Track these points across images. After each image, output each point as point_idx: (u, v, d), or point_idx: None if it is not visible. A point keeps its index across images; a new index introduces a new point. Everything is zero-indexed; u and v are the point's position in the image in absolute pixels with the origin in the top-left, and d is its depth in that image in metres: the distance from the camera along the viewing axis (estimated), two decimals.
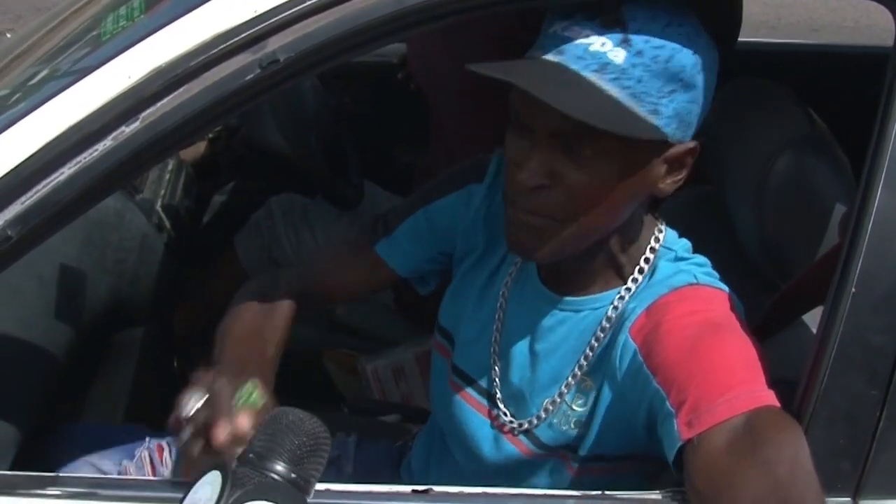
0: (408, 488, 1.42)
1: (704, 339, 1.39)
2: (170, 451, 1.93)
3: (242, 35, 1.35)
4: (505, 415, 1.63)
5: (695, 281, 1.48)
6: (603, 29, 1.35)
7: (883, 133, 1.33)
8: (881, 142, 1.33)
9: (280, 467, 1.15)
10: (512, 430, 1.62)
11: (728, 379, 1.33)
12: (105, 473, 1.86)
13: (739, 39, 2.34)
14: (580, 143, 1.36)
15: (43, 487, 1.40)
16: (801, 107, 1.72)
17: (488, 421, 1.66)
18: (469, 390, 1.69)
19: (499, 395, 1.64)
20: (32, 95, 1.50)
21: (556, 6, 1.40)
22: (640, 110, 1.36)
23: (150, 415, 2.34)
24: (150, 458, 1.91)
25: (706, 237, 1.89)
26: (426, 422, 1.95)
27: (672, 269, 1.51)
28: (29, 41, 1.98)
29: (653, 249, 1.54)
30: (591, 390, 1.53)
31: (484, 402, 1.67)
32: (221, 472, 1.11)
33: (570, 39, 1.36)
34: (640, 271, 1.53)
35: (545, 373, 1.59)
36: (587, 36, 1.35)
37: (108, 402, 2.29)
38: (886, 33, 1.44)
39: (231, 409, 1.37)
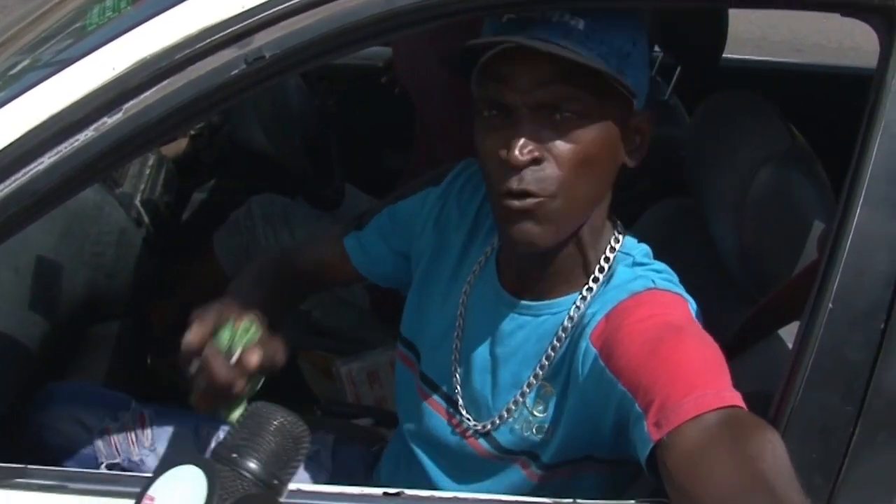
0: (379, 491, 1.41)
1: (666, 341, 1.39)
2: (151, 422, 1.93)
3: (229, 30, 1.34)
4: (467, 419, 1.63)
5: (653, 286, 1.49)
6: (555, 8, 1.40)
7: (864, 151, 1.33)
8: (862, 159, 1.33)
9: (259, 470, 1.13)
10: (473, 434, 1.62)
11: (693, 378, 1.33)
12: (87, 428, 1.88)
13: (725, 55, 2.36)
14: (560, 110, 1.40)
15: (11, 479, 1.39)
16: (783, 121, 1.73)
17: (450, 425, 1.66)
18: (434, 396, 1.69)
19: (460, 400, 1.65)
20: (13, 84, 1.49)
21: (538, 10, 1.41)
22: (608, 67, 1.39)
23: None
24: (132, 424, 1.91)
25: (686, 249, 1.90)
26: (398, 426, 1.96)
27: (630, 275, 1.51)
28: (12, 30, 1.97)
29: (612, 251, 1.54)
30: (552, 396, 1.54)
31: (446, 406, 1.67)
32: (204, 471, 1.07)
33: (530, 19, 1.41)
34: (598, 275, 1.53)
35: (505, 377, 1.59)
36: (544, 13, 1.40)
37: None
38: (870, 56, 1.45)
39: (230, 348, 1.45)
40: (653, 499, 1.39)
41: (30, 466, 1.42)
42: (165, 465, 1.09)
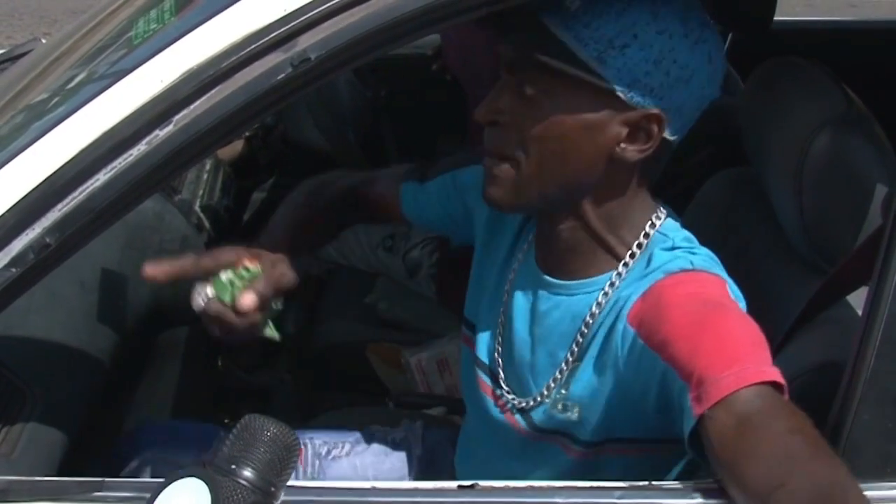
0: (454, 484, 1.41)
1: (707, 315, 1.39)
2: None
3: (273, 34, 1.34)
4: (508, 394, 1.66)
5: (690, 267, 1.48)
6: None
7: None
8: None
9: (256, 478, 1.19)
10: (512, 409, 1.65)
11: (734, 352, 1.33)
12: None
13: (776, 18, 2.32)
14: (526, 81, 1.44)
15: (90, 492, 1.41)
16: (838, 85, 1.70)
17: (494, 402, 1.69)
18: (482, 374, 1.72)
19: (502, 375, 1.67)
20: (66, 101, 1.50)
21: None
22: (583, 54, 1.41)
23: (197, 414, 2.36)
24: None
25: (748, 218, 1.88)
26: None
27: (667, 257, 1.51)
28: (64, 45, 1.99)
29: (647, 235, 1.54)
30: (590, 377, 1.54)
31: (491, 384, 1.69)
32: (206, 482, 1.15)
33: None
34: (633, 256, 1.53)
35: (543, 357, 1.60)
36: None
37: (154, 403, 2.31)
38: None
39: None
40: (697, 480, 1.38)
41: (108, 479, 1.43)
42: (168, 477, 1.17)
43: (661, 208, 1.58)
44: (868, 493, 1.18)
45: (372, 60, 1.43)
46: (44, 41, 2.66)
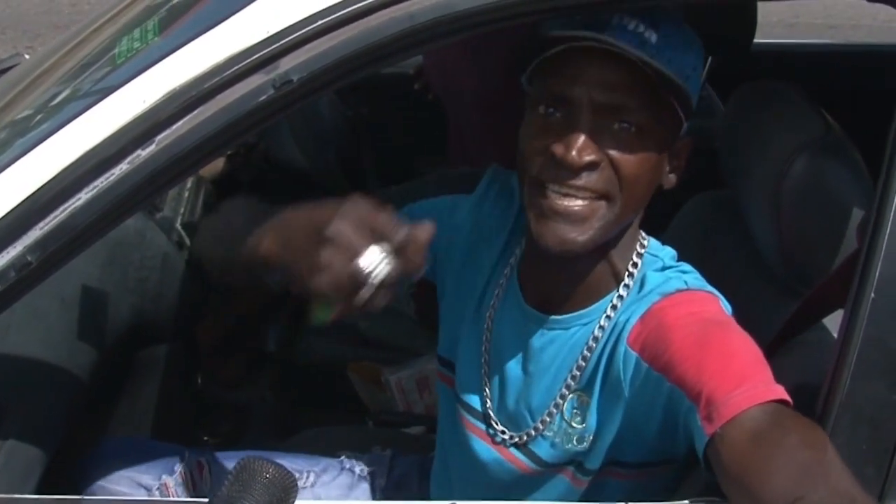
0: None
1: (711, 335, 1.40)
2: (209, 469, 1.94)
3: (255, 56, 1.35)
4: (502, 434, 1.63)
5: (685, 287, 1.49)
6: (632, 15, 1.40)
7: None
8: None
9: None
10: (511, 447, 1.62)
11: (742, 370, 1.34)
12: (145, 488, 1.87)
13: (756, 40, 2.34)
14: (620, 118, 1.40)
15: None
16: (816, 109, 1.71)
17: (487, 443, 1.66)
18: (467, 415, 1.69)
19: (492, 415, 1.64)
20: (48, 119, 1.51)
21: (555, 17, 1.43)
22: (678, 83, 1.41)
23: (177, 431, 2.35)
24: (190, 475, 1.92)
25: (725, 242, 1.89)
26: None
27: (661, 278, 1.51)
28: (48, 62, 1.99)
29: (640, 255, 1.54)
30: (590, 405, 1.53)
31: (481, 425, 1.67)
32: None
33: (606, 21, 1.40)
34: (629, 281, 1.53)
35: (540, 392, 1.59)
36: (621, 18, 1.40)
37: (133, 421, 2.30)
38: None
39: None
40: (706, 498, 1.38)
41: (86, 497, 1.44)
42: None
43: (641, 230, 1.58)
44: None
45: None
46: (27, 56, 2.66)
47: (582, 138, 1.40)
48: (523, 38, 1.48)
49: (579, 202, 1.42)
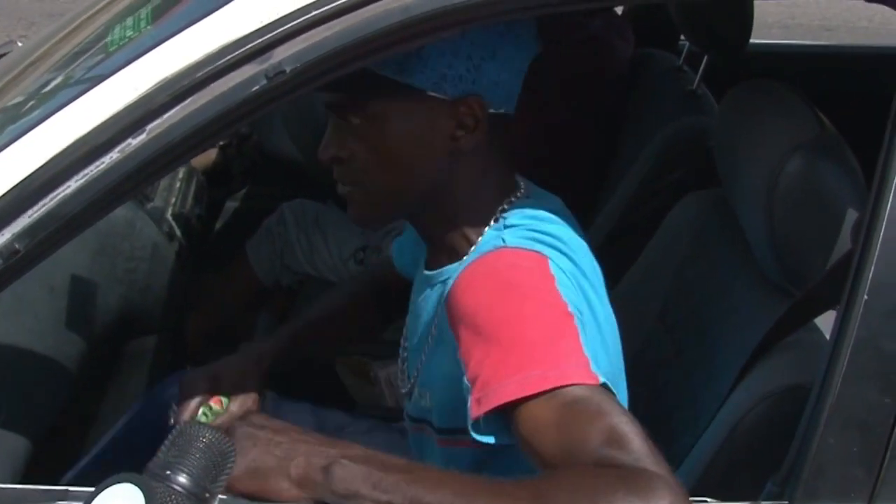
0: None
1: (493, 305, 1.39)
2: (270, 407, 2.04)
3: (248, 46, 1.34)
4: (401, 385, 1.73)
5: (502, 244, 1.48)
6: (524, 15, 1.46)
7: (895, 136, 1.31)
8: (893, 145, 1.32)
9: (191, 484, 1.19)
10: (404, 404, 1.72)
11: (522, 356, 1.32)
12: None
13: (752, 40, 2.34)
14: (348, 116, 1.52)
15: (53, 501, 1.39)
16: (811, 109, 1.71)
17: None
18: None
19: (400, 367, 1.75)
20: (39, 107, 1.50)
21: (548, 12, 1.42)
22: (385, 71, 1.47)
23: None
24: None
25: (718, 241, 1.89)
26: None
27: (491, 237, 1.53)
28: (41, 49, 1.98)
29: (496, 220, 1.55)
30: (432, 361, 1.58)
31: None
32: (140, 488, 1.15)
33: None
34: (477, 242, 1.55)
35: (413, 348, 1.66)
36: None
37: (120, 412, 2.29)
38: None
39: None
40: (700, 498, 1.38)
41: (71, 489, 1.42)
42: (103, 483, 1.16)
43: (522, 190, 1.59)
44: None
45: None
46: (20, 44, 2.65)
47: (325, 140, 1.56)
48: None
49: (346, 189, 1.58)
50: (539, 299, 1.39)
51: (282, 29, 1.33)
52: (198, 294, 2.88)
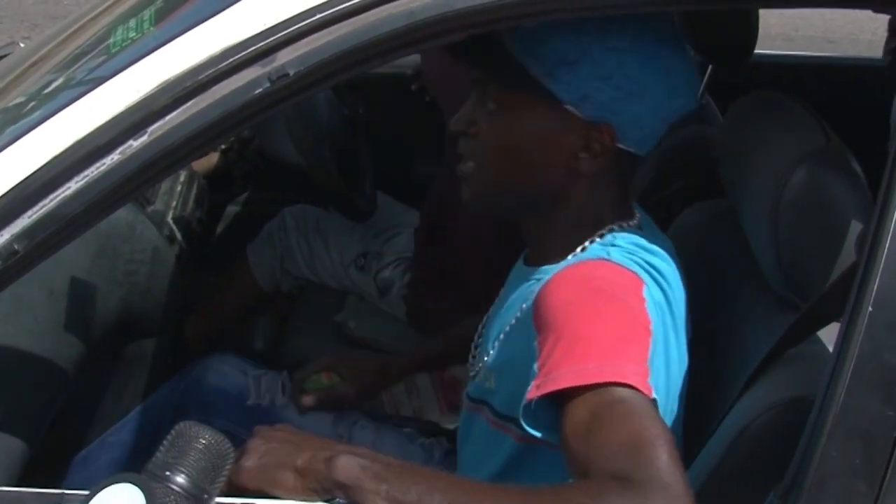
0: None
1: (580, 303, 1.42)
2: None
3: (252, 48, 1.33)
4: (471, 368, 1.75)
5: (605, 257, 1.51)
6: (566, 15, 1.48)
7: None
8: None
9: (189, 485, 1.20)
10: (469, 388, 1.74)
11: (588, 348, 1.35)
12: (245, 373, 2.19)
13: (756, 51, 2.33)
14: (488, 96, 1.57)
15: None
16: (817, 120, 1.70)
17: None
18: None
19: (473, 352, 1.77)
20: (41, 107, 1.49)
21: (556, 18, 1.45)
22: (535, 70, 1.52)
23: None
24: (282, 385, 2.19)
25: (722, 253, 1.88)
26: (437, 436, 2.07)
27: (594, 251, 1.56)
28: (43, 50, 1.98)
29: (602, 236, 1.58)
30: (504, 348, 1.61)
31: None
32: (140, 487, 1.16)
33: None
34: (580, 250, 1.58)
35: (493, 332, 1.68)
36: None
37: (119, 415, 2.28)
38: None
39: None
40: None
41: (67, 492, 1.41)
42: (103, 482, 1.17)
43: (631, 222, 1.61)
44: None
45: (351, 78, 1.42)
46: (22, 45, 2.65)
47: (462, 110, 1.61)
48: None
49: (465, 166, 1.63)
50: (622, 307, 1.43)
51: (285, 32, 1.33)
52: (198, 298, 2.88)
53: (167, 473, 1.20)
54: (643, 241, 1.57)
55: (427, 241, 2.77)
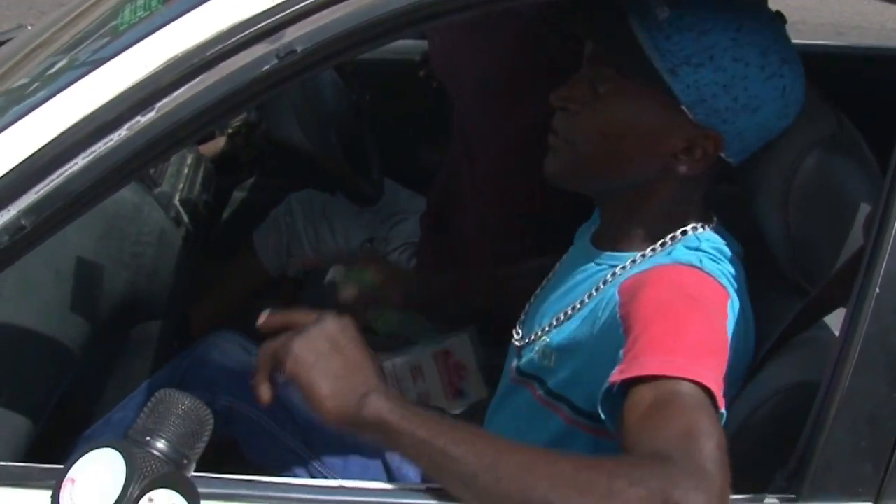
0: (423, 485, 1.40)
1: (675, 305, 1.41)
2: None
3: (259, 25, 1.33)
4: (517, 334, 1.77)
5: (698, 264, 1.50)
6: None
7: None
8: None
9: (169, 450, 1.22)
10: (513, 352, 1.75)
11: (677, 343, 1.34)
12: (248, 350, 2.16)
13: None
14: (601, 77, 1.55)
15: (54, 480, 1.39)
16: (829, 105, 1.69)
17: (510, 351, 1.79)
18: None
19: (518, 326, 1.78)
20: (49, 85, 1.49)
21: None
22: (658, 63, 1.50)
23: None
24: None
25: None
26: None
27: (684, 253, 1.55)
28: (49, 32, 1.98)
29: (685, 233, 1.58)
30: (572, 330, 1.60)
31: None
32: (121, 452, 1.17)
33: None
34: (663, 245, 1.58)
35: (552, 308, 1.68)
36: None
37: (123, 396, 2.28)
38: None
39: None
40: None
41: None
42: (84, 448, 1.20)
43: (710, 225, 1.62)
44: None
45: (358, 63, 1.42)
46: (29, 28, 2.64)
47: (565, 90, 1.58)
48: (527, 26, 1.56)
49: (555, 140, 1.61)
50: (712, 318, 1.43)
51: (294, 8, 1.33)
52: (203, 281, 2.87)
53: (147, 439, 1.22)
54: (724, 247, 1.58)
55: (433, 226, 2.76)
